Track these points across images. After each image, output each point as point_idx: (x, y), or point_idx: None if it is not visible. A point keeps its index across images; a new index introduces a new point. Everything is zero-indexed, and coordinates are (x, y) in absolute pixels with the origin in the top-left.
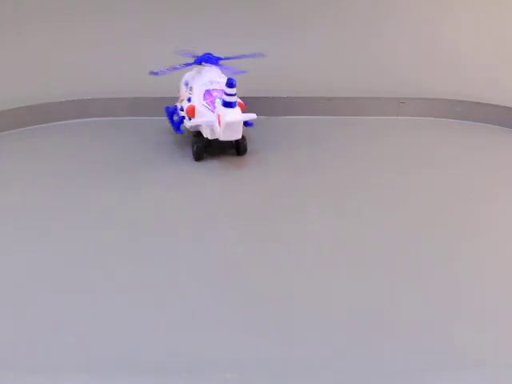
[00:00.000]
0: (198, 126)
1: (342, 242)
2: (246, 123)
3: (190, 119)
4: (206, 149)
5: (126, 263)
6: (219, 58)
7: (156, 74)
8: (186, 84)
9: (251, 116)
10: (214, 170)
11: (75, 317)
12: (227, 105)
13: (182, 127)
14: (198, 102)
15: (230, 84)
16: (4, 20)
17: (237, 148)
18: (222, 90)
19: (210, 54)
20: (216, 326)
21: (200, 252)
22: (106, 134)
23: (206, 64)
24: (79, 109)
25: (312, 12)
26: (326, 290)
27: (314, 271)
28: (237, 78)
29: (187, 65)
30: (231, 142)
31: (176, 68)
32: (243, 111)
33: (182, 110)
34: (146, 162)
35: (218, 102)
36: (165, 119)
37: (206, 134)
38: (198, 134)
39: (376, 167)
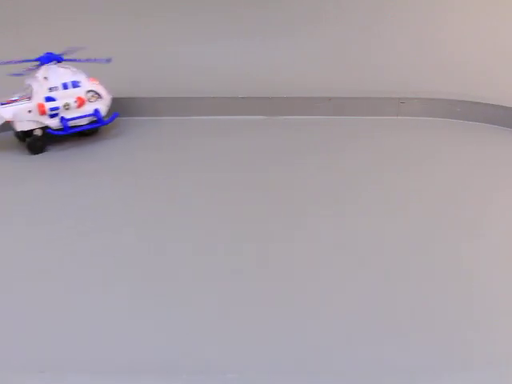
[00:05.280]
0: None
1: (341, 242)
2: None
3: None
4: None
5: (126, 264)
6: (57, 59)
7: (20, 74)
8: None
9: None
10: None
11: (75, 317)
12: None
13: None
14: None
15: None
16: (4, 21)
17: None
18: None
19: (51, 53)
20: (216, 326)
21: (197, 254)
22: (106, 134)
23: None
24: None
25: (312, 12)
26: (325, 290)
27: (315, 271)
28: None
29: (37, 63)
30: None
31: (32, 69)
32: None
33: None
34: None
35: None
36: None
37: None
38: None
39: (376, 167)
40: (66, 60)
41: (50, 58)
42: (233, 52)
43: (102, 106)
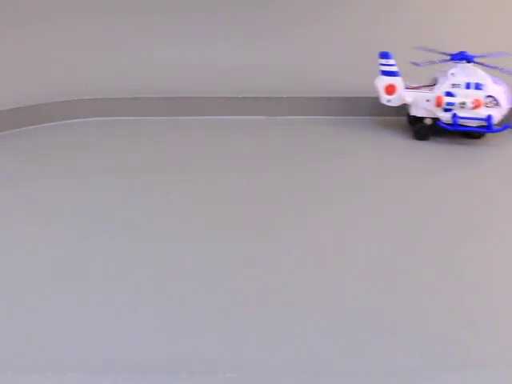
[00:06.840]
0: None
1: (341, 242)
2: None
3: None
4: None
5: (126, 264)
6: (467, 58)
7: (418, 64)
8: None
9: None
10: None
11: (75, 317)
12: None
13: None
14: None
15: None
16: (5, 21)
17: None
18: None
19: (464, 52)
20: (216, 326)
21: (197, 254)
22: (105, 134)
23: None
24: (79, 109)
25: (312, 12)
26: (325, 291)
27: (315, 272)
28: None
29: (443, 61)
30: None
31: (434, 62)
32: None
33: None
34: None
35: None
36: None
37: None
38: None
39: (376, 166)
40: (475, 62)
41: (461, 57)
42: (233, 52)
43: (497, 114)
